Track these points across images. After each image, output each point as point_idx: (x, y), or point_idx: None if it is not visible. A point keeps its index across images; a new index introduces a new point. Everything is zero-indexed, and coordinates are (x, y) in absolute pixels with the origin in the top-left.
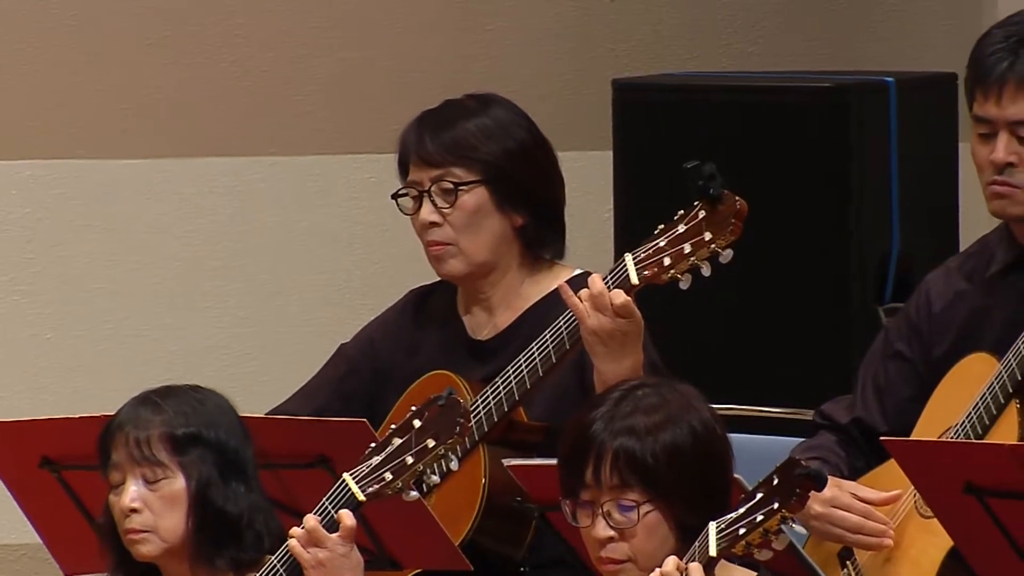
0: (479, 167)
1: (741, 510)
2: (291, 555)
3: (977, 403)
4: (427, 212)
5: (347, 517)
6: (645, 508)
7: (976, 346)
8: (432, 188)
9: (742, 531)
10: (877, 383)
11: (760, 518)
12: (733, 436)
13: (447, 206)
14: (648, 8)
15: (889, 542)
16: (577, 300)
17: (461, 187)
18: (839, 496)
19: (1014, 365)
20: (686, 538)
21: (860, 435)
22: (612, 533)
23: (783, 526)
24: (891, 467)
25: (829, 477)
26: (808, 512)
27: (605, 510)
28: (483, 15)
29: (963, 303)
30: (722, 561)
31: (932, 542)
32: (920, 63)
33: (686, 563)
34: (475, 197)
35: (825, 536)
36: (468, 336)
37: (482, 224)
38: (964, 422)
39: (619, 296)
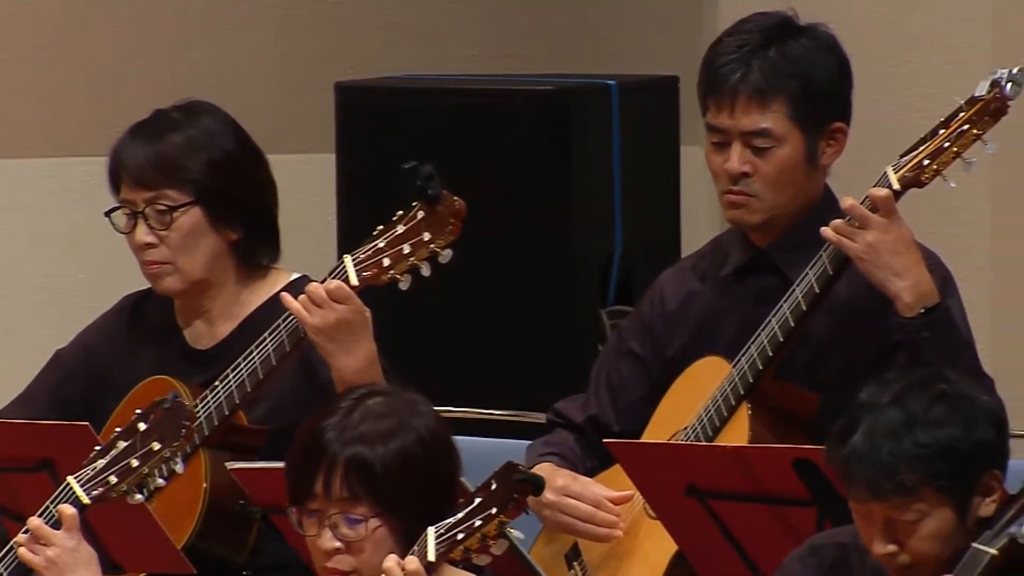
0: (190, 187)
1: (460, 515)
2: (15, 559)
3: (708, 406)
4: (142, 234)
5: (66, 508)
6: (373, 523)
7: (709, 346)
8: (146, 209)
9: (460, 536)
10: (610, 382)
11: (479, 523)
12: (459, 439)
13: (162, 228)
14: (371, 11)
15: (619, 534)
16: (297, 304)
17: (176, 209)
18: (571, 485)
19: (746, 368)
20: (412, 546)
21: (594, 433)
22: (339, 545)
23: (503, 530)
24: None
25: (563, 469)
26: (540, 500)
27: (332, 522)
28: (209, 17)
29: (696, 303)
30: (446, 564)
31: (660, 542)
32: (642, 66)
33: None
34: (190, 218)
35: (555, 525)
36: (188, 345)
37: (197, 244)
38: (695, 425)
39: (331, 283)
